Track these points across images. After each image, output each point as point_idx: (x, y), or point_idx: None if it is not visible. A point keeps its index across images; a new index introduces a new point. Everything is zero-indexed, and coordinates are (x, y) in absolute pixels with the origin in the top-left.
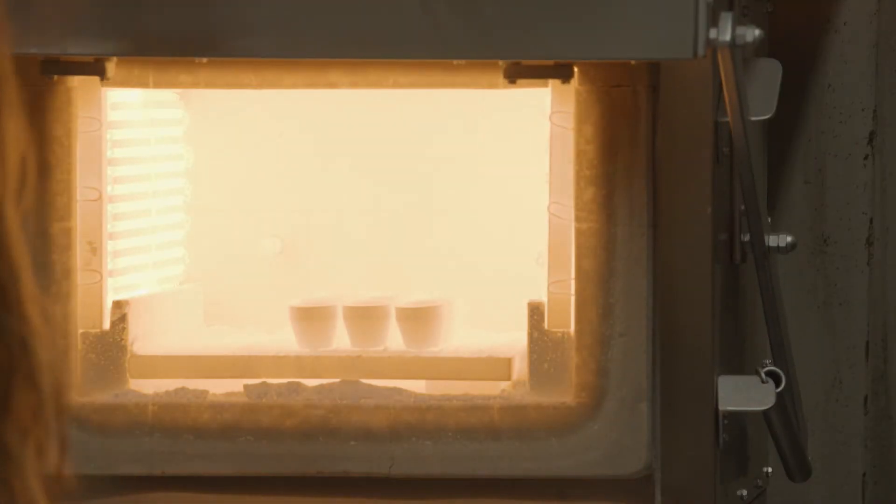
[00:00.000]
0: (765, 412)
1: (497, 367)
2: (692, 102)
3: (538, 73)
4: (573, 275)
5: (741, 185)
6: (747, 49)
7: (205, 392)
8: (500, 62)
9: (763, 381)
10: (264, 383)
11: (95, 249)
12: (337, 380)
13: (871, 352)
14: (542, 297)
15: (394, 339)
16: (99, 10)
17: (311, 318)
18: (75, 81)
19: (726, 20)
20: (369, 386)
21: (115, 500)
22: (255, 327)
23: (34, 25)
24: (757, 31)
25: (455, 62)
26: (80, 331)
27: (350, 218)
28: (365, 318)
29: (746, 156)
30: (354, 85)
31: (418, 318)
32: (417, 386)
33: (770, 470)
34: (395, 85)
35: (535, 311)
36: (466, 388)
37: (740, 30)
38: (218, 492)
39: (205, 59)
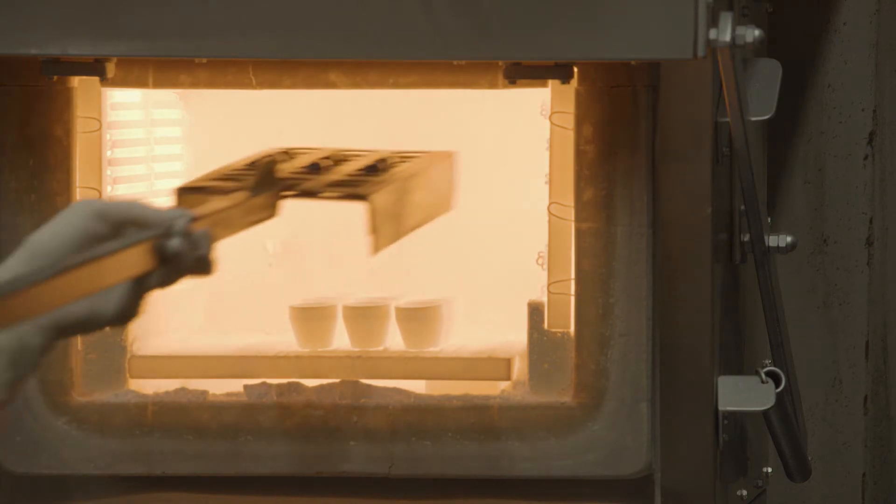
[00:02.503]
0: (765, 412)
1: (497, 367)
2: (692, 102)
3: (538, 73)
4: (573, 275)
5: (741, 185)
6: (747, 49)
7: (205, 392)
8: (500, 62)
9: (763, 381)
10: (264, 383)
11: None
12: (337, 380)
13: (871, 352)
14: (542, 297)
15: (394, 339)
16: (99, 10)
17: (311, 318)
18: (75, 81)
19: (726, 20)
20: (369, 386)
21: (115, 500)
22: (255, 327)
23: (34, 25)
24: (757, 31)
25: (455, 62)
26: None
27: (350, 218)
28: (365, 318)
29: (746, 156)
30: (354, 85)
31: (418, 318)
32: (417, 386)
33: (770, 470)
34: (395, 85)
35: (535, 311)
36: (466, 388)
37: (740, 30)
38: (218, 492)
39: (205, 59)
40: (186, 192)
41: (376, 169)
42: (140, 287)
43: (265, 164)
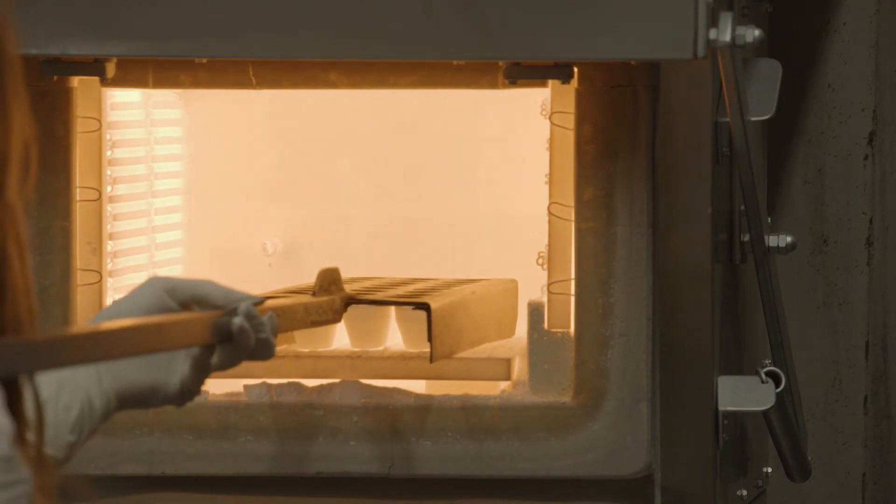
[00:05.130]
0: (765, 412)
1: (497, 367)
2: (692, 102)
3: (538, 73)
4: (573, 275)
5: (741, 185)
6: (747, 49)
7: (205, 392)
8: (500, 62)
9: (763, 382)
10: (264, 383)
11: (95, 249)
12: (337, 380)
13: (871, 352)
14: (542, 297)
15: (394, 339)
16: (99, 10)
17: None
18: (75, 81)
19: (726, 20)
20: (369, 386)
21: (115, 501)
22: None
23: (34, 25)
24: (757, 31)
25: (455, 62)
26: None
27: (350, 218)
28: (365, 318)
29: (746, 156)
30: (354, 85)
31: (418, 318)
32: (417, 386)
33: (770, 470)
34: (395, 85)
35: (535, 311)
36: (466, 388)
37: (740, 30)
38: (218, 492)
39: (205, 59)
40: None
41: (435, 289)
42: (201, 367)
43: (327, 271)
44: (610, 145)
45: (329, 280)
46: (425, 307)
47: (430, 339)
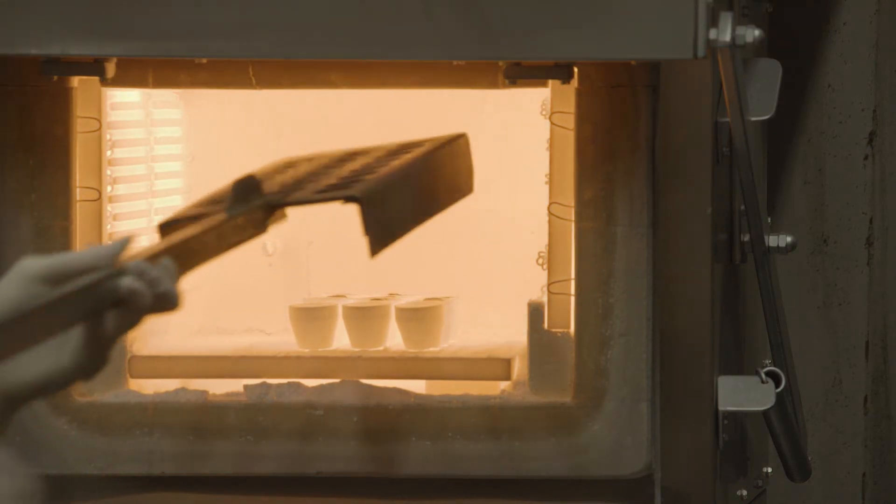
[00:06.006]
0: (765, 412)
1: (497, 367)
2: (692, 102)
3: (538, 73)
4: (573, 275)
5: (741, 185)
6: (747, 49)
7: (205, 392)
8: (500, 62)
9: (763, 381)
10: (264, 383)
11: None
12: (337, 380)
13: (871, 352)
14: (542, 297)
15: (394, 339)
16: (99, 10)
17: (311, 318)
18: (75, 81)
19: (726, 20)
20: (369, 386)
21: (115, 500)
22: (255, 327)
23: (34, 25)
24: (757, 31)
25: (455, 62)
26: None
27: (350, 217)
28: (365, 318)
29: (746, 156)
30: (354, 85)
31: (418, 318)
32: (417, 386)
33: (770, 470)
34: (395, 85)
35: (535, 311)
36: (466, 388)
37: (740, 30)
38: (218, 492)
39: (205, 59)
40: (170, 227)
41: (372, 168)
42: (97, 335)
43: (242, 181)
44: (610, 145)
45: (245, 189)
46: (356, 200)
47: (365, 232)
